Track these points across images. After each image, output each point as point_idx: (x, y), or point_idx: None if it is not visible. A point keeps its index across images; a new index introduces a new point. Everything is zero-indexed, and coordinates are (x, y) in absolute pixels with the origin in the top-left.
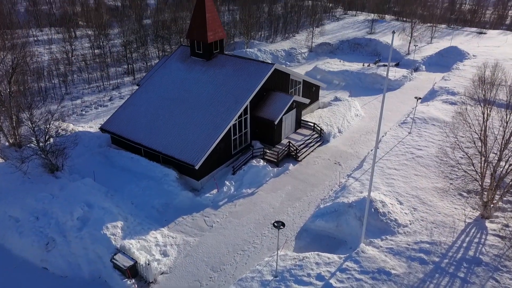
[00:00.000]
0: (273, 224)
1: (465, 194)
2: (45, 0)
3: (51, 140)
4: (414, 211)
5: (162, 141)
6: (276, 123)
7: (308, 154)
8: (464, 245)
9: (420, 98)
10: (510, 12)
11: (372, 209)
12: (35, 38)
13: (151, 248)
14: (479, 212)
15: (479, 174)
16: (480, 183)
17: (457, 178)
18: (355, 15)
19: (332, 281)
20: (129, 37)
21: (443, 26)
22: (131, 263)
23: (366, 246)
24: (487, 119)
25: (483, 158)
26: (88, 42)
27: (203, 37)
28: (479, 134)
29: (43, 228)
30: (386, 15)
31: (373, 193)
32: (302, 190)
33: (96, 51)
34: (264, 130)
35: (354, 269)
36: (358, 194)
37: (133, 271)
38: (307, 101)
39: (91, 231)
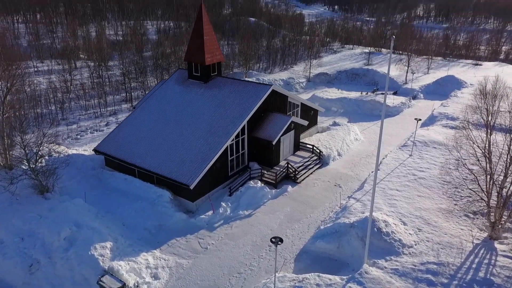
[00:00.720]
0: (271, 240)
1: (471, 215)
2: (48, 35)
3: (43, 161)
4: (419, 231)
5: (157, 162)
6: (274, 143)
7: (307, 176)
8: (474, 266)
9: (420, 120)
10: (503, 47)
11: (375, 229)
12: (36, 69)
13: (141, 271)
14: (487, 233)
15: (485, 193)
16: (486, 201)
17: (461, 198)
18: (352, 49)
19: None
20: (128, 67)
21: (439, 58)
22: (119, 285)
23: (370, 267)
24: (490, 133)
25: (488, 176)
26: (87, 72)
27: (201, 59)
28: (482, 150)
29: (27, 249)
30: (382, 49)
31: (376, 213)
32: (301, 211)
33: (95, 80)
34: (261, 151)
35: None
36: (360, 215)
37: None
38: (305, 122)
39: (78, 252)
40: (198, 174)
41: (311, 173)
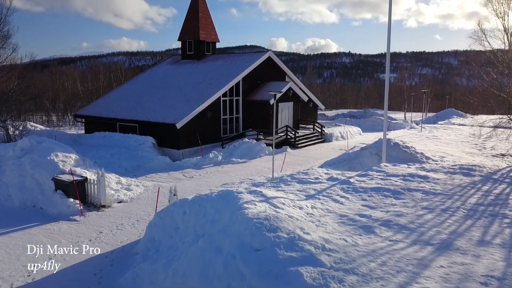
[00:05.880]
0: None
1: (499, 156)
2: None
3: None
4: (443, 158)
5: (141, 112)
6: (271, 103)
7: (308, 145)
8: None
9: (428, 90)
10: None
11: (392, 143)
12: None
13: (111, 184)
14: None
15: None
16: None
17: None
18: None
19: (351, 180)
20: None
21: (434, 113)
22: (80, 179)
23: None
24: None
25: None
26: None
27: (195, 35)
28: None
29: None
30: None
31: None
32: (303, 161)
33: None
34: (258, 116)
35: (379, 175)
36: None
37: (81, 191)
38: (305, 97)
39: (34, 157)
40: (186, 115)
41: (313, 144)
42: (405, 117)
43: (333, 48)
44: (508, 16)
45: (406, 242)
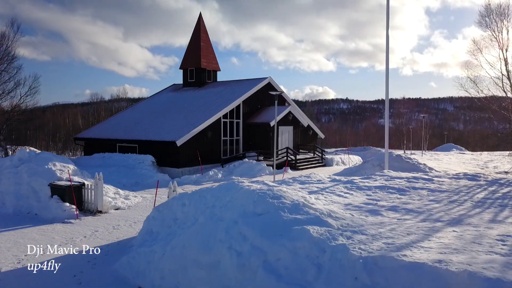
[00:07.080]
0: (268, 92)
1: (502, 174)
2: None
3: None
4: (446, 172)
5: (141, 133)
6: (271, 125)
7: (309, 168)
8: None
9: (427, 115)
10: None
11: (394, 155)
12: None
13: (108, 193)
14: None
15: None
16: None
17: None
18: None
19: (354, 181)
20: None
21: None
22: (77, 184)
23: None
24: (507, 50)
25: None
26: None
27: (197, 63)
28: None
29: None
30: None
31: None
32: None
33: None
34: (258, 139)
35: (382, 177)
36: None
37: (78, 196)
38: (305, 122)
39: (32, 166)
40: (186, 133)
41: (314, 167)
42: (404, 152)
43: (331, 95)
44: (502, 34)
45: (414, 221)
